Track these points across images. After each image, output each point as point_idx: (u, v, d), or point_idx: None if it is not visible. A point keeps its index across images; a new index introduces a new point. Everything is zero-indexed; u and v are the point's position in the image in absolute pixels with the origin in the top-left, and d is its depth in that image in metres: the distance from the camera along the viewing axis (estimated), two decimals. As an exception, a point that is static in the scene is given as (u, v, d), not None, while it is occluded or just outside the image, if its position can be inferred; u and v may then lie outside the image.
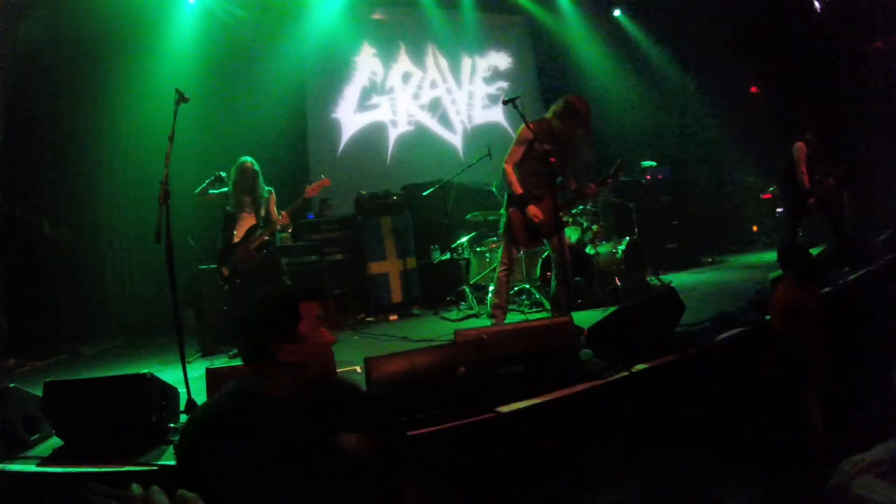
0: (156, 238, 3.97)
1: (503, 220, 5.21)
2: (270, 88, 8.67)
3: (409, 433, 2.99)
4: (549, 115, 5.14)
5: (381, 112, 10.15)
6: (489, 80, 11.07)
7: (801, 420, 4.42)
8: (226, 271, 5.74)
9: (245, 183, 5.76)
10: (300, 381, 1.93)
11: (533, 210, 4.93)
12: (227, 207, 5.85)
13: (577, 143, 5.11)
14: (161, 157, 4.14)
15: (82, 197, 8.11)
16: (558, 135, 5.02)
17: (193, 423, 1.89)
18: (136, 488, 0.72)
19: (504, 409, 3.23)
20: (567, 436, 3.42)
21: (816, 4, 11.18)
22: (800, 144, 7.12)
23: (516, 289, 7.10)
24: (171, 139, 4.14)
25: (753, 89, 11.86)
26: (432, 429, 3.03)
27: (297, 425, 1.87)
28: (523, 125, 5.01)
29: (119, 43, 7.91)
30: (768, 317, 4.57)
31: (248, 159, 5.82)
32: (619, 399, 3.62)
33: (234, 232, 5.81)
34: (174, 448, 2.18)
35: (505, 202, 5.18)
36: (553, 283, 5.23)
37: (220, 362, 5.51)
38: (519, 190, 4.99)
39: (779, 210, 10.48)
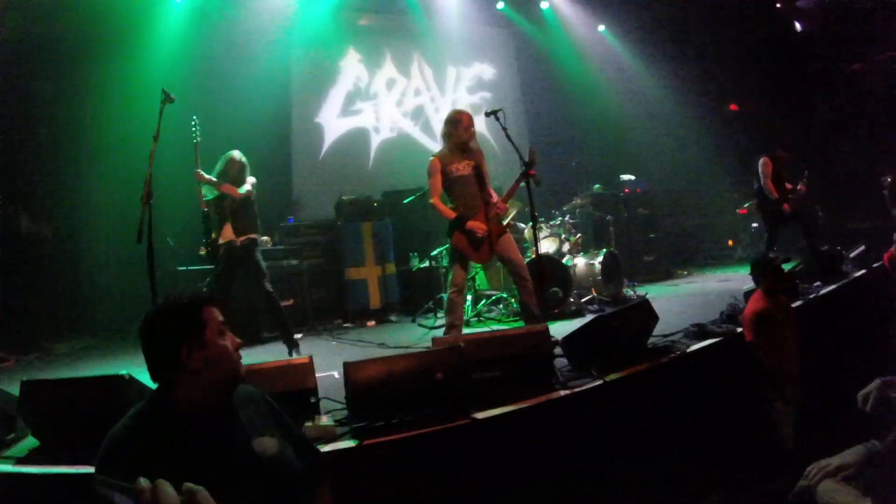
0: (137, 238, 3.97)
1: (448, 246, 5.32)
2: (255, 90, 8.65)
3: (386, 438, 3.03)
4: (443, 142, 5.32)
5: (364, 118, 10.17)
6: (473, 90, 11.16)
7: (771, 428, 4.52)
8: (204, 250, 5.59)
9: (232, 174, 5.65)
10: (210, 387, 1.90)
11: (472, 224, 5.06)
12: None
13: (478, 153, 5.29)
14: (142, 156, 4.14)
15: (61, 193, 8.04)
16: (462, 151, 5.21)
17: (109, 451, 1.79)
18: (143, 481, 0.75)
19: (480, 414, 3.28)
20: (541, 442, 3.48)
21: (797, 25, 11.45)
22: (765, 159, 7.35)
23: (493, 297, 7.17)
24: (155, 139, 4.16)
25: (733, 106, 12.09)
26: (409, 433, 3.07)
27: (214, 437, 1.87)
28: (430, 160, 5.23)
29: (103, 40, 7.86)
30: (740, 329, 4.68)
31: (235, 152, 5.74)
32: (593, 407, 3.68)
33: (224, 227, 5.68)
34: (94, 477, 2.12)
35: (446, 231, 5.29)
36: (519, 294, 5.29)
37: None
38: (452, 215, 5.14)
39: (754, 225, 10.69)
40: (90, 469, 2.89)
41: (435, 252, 7.56)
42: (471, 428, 3.22)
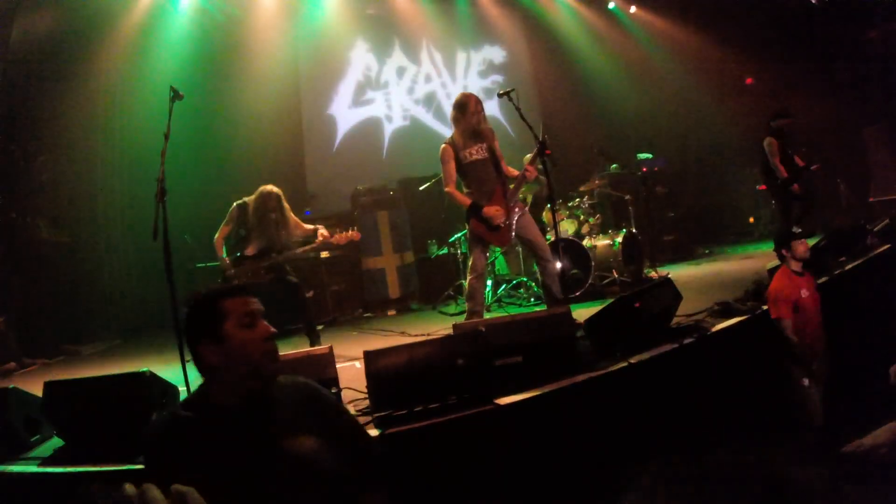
0: (153, 236, 3.97)
1: (466, 232, 5.28)
2: (265, 85, 8.64)
3: (409, 426, 3.00)
4: (454, 127, 5.20)
5: (375, 107, 10.11)
6: (484, 74, 11.04)
7: (798, 406, 4.45)
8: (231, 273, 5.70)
9: (265, 210, 5.69)
10: (236, 381, 1.85)
11: (488, 211, 4.96)
12: (241, 231, 5.81)
13: (490, 136, 5.19)
14: (156, 155, 4.14)
15: (78, 197, 8.09)
16: (473, 134, 5.10)
17: (151, 436, 1.85)
18: (128, 487, 0.72)
19: (503, 400, 3.24)
20: (566, 427, 3.43)
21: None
22: (769, 139, 7.37)
23: (514, 282, 7.12)
24: (166, 136, 4.15)
25: (749, 80, 11.86)
26: (431, 421, 3.04)
27: (245, 432, 1.81)
28: (442, 147, 5.12)
29: (112, 41, 7.88)
30: (765, 306, 4.60)
31: (270, 188, 5.74)
32: (618, 389, 3.63)
33: (249, 245, 5.77)
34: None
35: (464, 217, 5.23)
36: (540, 276, 5.23)
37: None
38: (468, 202, 5.05)
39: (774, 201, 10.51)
40: (115, 467, 2.90)
41: (453, 238, 7.50)
42: (494, 414, 3.18)
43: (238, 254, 5.80)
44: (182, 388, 3.70)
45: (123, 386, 3.28)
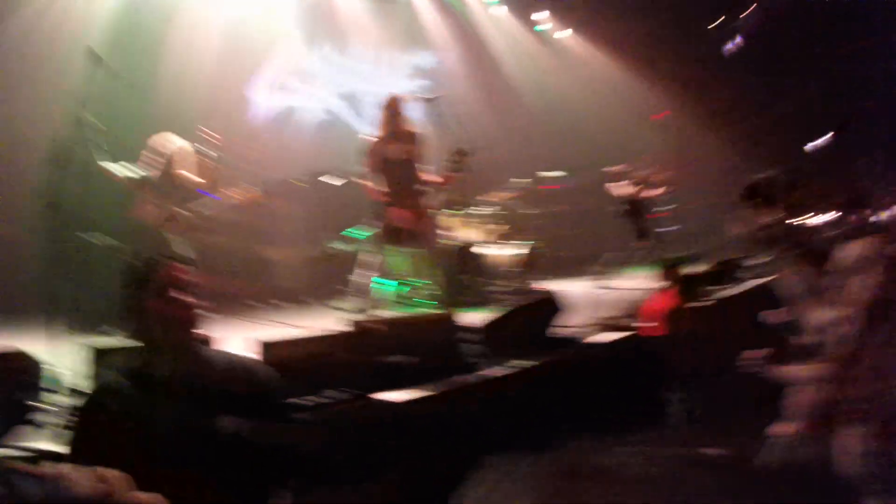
0: (44, 205, 3.79)
1: (369, 230, 5.36)
2: (184, 64, 8.36)
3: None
4: (378, 126, 5.32)
5: (295, 97, 9.96)
6: (410, 77, 11.03)
7: (674, 418, 4.71)
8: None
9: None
10: (159, 355, 1.89)
11: (394, 212, 5.08)
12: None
13: (414, 139, 5.30)
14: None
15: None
16: (397, 135, 5.22)
17: (85, 402, 1.92)
18: (49, 467, 0.73)
19: (386, 398, 3.28)
20: (450, 427, 3.51)
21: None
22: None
23: (411, 282, 7.14)
24: (81, 103, 3.95)
25: (659, 115, 12.29)
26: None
27: (171, 405, 1.83)
28: (364, 140, 5.25)
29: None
30: (651, 323, 4.86)
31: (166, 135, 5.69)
32: (502, 395, 3.74)
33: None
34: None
35: (370, 214, 5.30)
36: (434, 280, 5.33)
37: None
38: (379, 198, 5.17)
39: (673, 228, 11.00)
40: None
41: (355, 235, 7.47)
42: (377, 412, 3.21)
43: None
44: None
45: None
